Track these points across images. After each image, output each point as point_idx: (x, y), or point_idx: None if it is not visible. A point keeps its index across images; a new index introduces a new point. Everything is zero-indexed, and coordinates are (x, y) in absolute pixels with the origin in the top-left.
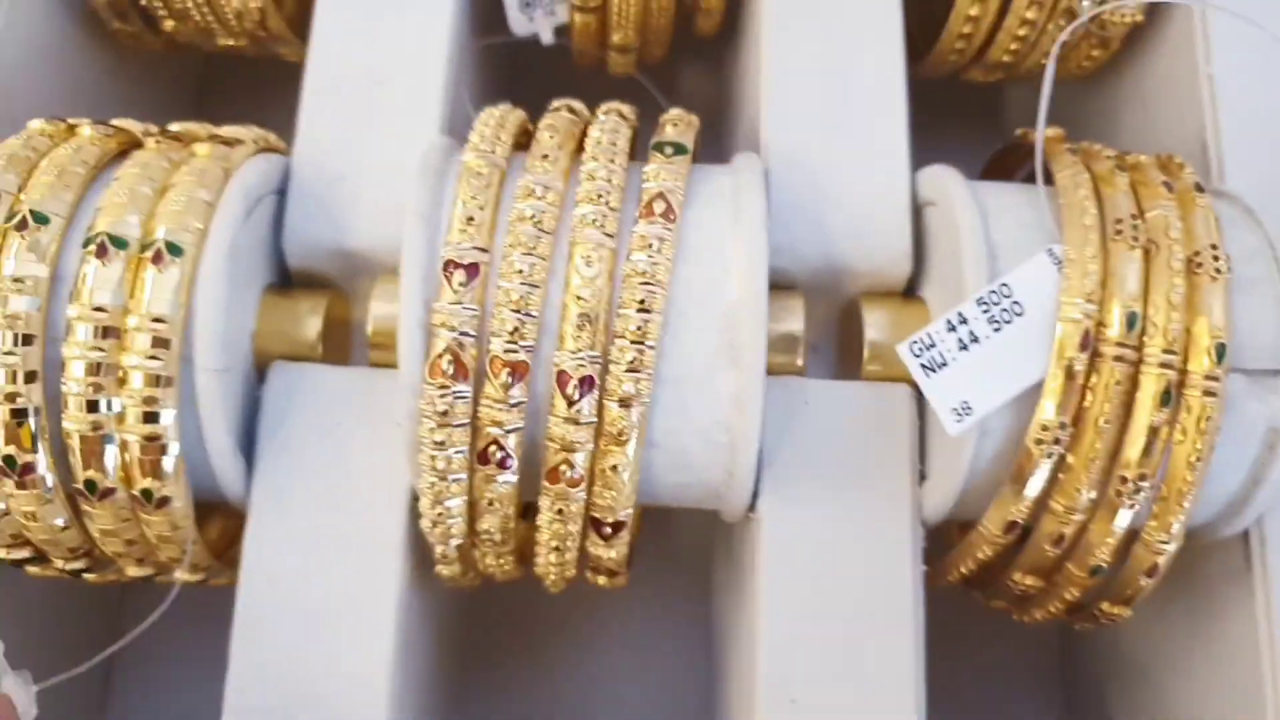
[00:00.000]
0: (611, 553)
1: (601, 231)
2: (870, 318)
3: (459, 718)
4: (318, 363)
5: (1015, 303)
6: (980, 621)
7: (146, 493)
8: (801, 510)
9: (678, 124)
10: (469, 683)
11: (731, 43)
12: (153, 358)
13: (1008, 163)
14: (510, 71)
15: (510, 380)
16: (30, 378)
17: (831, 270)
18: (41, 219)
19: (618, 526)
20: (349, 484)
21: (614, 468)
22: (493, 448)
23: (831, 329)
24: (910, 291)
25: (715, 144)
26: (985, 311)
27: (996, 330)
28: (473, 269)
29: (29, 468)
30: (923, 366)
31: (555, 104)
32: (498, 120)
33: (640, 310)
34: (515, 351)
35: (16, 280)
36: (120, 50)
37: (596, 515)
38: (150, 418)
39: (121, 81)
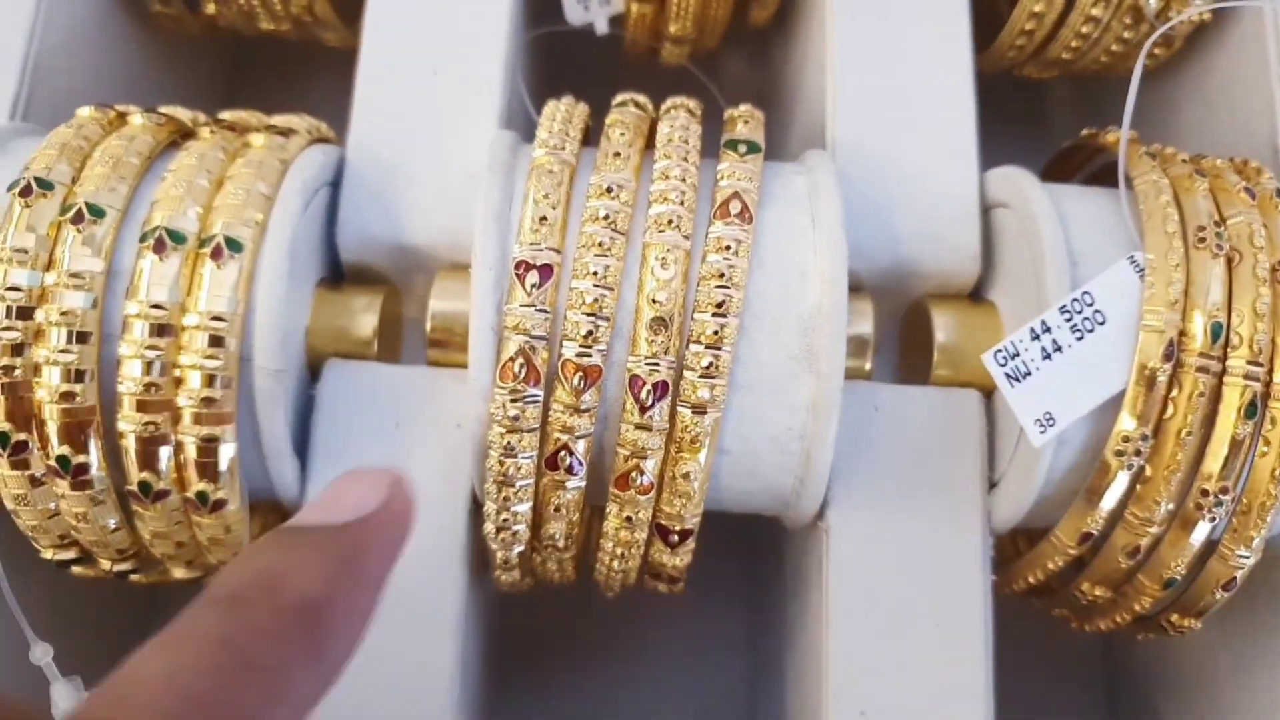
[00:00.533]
0: (676, 560)
1: (678, 233)
2: (940, 320)
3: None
4: (372, 361)
5: (1097, 311)
6: (1023, 627)
7: (201, 495)
8: (870, 518)
9: (748, 120)
10: (509, 684)
11: (781, 32)
12: (211, 357)
13: (1070, 162)
14: (552, 61)
15: (582, 385)
16: (85, 376)
17: (898, 271)
18: (98, 212)
19: (685, 534)
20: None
21: (685, 475)
22: (562, 453)
23: (893, 331)
24: (976, 294)
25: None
26: (1068, 320)
27: (1079, 339)
28: (546, 270)
29: (82, 468)
30: (1007, 376)
31: (621, 98)
32: (564, 115)
33: (716, 314)
34: (588, 355)
35: (73, 275)
36: (156, 33)
37: (664, 523)
38: (207, 419)
39: (158, 65)
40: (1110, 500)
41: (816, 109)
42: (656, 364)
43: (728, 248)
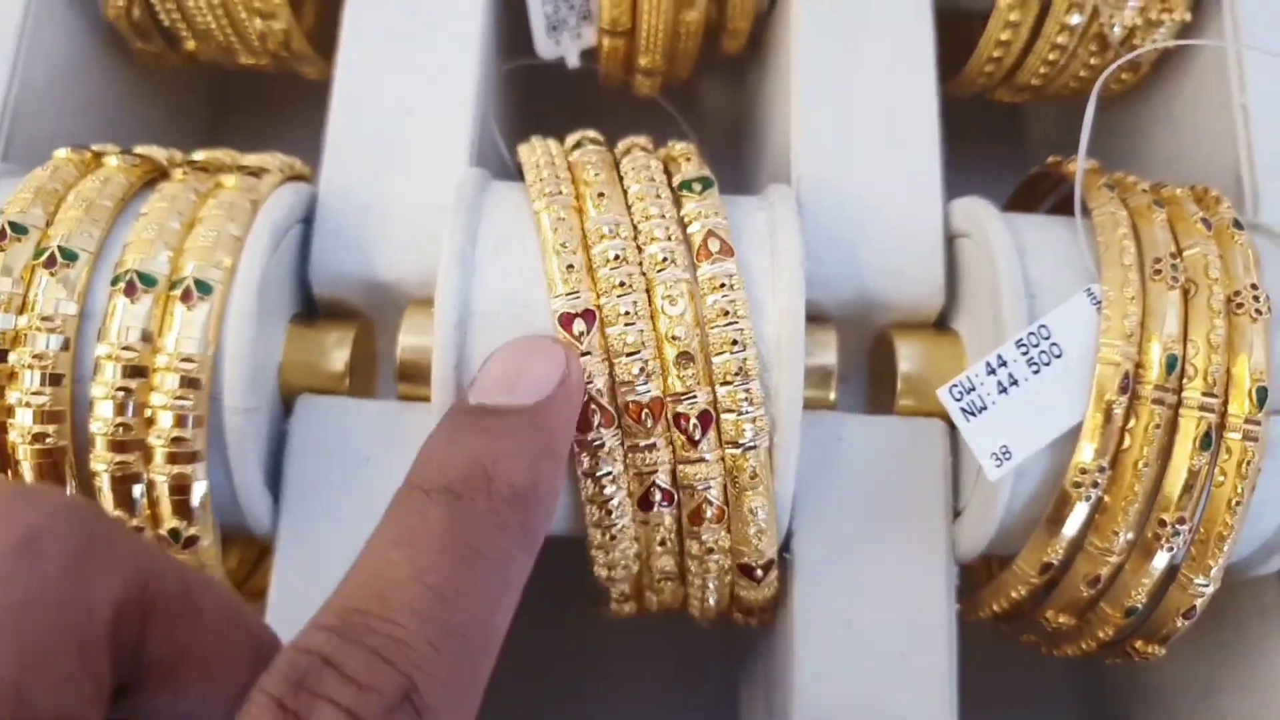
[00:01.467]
0: (763, 593)
1: (677, 268)
2: (904, 351)
3: None
4: (345, 396)
5: (1054, 344)
6: (1003, 650)
7: (174, 532)
8: (835, 549)
9: (689, 158)
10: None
11: (755, 60)
12: (181, 398)
13: (1035, 190)
14: (527, 93)
15: (651, 422)
16: (58, 418)
17: (863, 302)
18: (70, 255)
19: (767, 567)
20: (377, 519)
21: (753, 510)
22: (651, 490)
23: (861, 361)
24: (941, 323)
25: (735, 163)
26: (1024, 354)
27: (1035, 373)
28: (589, 315)
29: None
30: (963, 410)
31: (576, 136)
32: (547, 158)
33: (734, 352)
34: (647, 392)
35: (45, 319)
36: (139, 68)
37: (745, 560)
38: (178, 458)
39: (140, 99)
40: (1070, 530)
41: (783, 142)
42: (694, 397)
43: (722, 285)
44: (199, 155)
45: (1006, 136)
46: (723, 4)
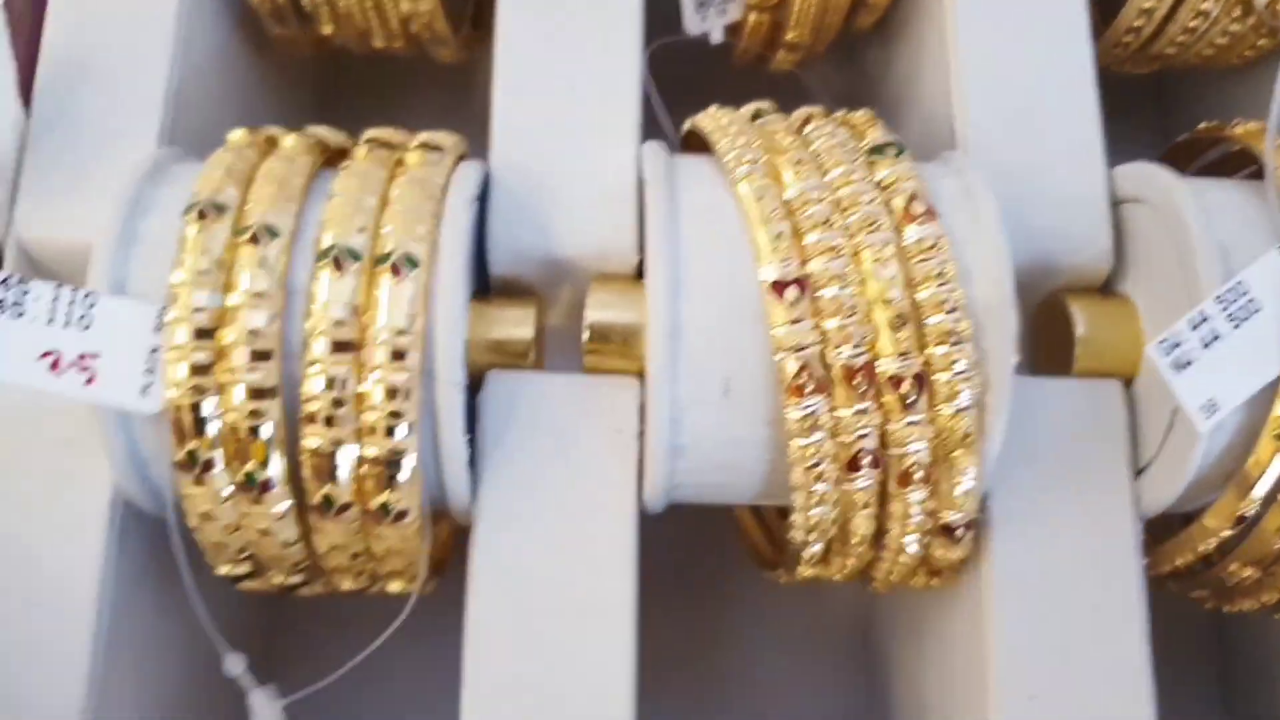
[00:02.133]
0: (958, 553)
1: (883, 232)
2: (1080, 315)
3: None
4: (529, 370)
5: (1251, 300)
6: None
7: (384, 507)
8: (1027, 506)
9: (873, 124)
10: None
11: (879, 37)
12: (396, 371)
13: (1184, 155)
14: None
15: (865, 387)
16: (270, 394)
17: (1032, 269)
18: (273, 232)
19: (969, 526)
20: (575, 492)
21: (964, 470)
22: (859, 454)
23: (1023, 326)
24: (1105, 287)
25: None
26: (1224, 309)
27: (1235, 328)
28: (800, 283)
29: (267, 485)
30: (1170, 365)
31: (752, 107)
32: (736, 127)
33: (950, 312)
34: (859, 356)
35: (255, 295)
36: (265, 53)
37: (946, 520)
38: (391, 432)
39: (264, 83)
40: (1267, 482)
41: (939, 111)
42: (909, 359)
43: (932, 246)
44: (373, 133)
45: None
46: None
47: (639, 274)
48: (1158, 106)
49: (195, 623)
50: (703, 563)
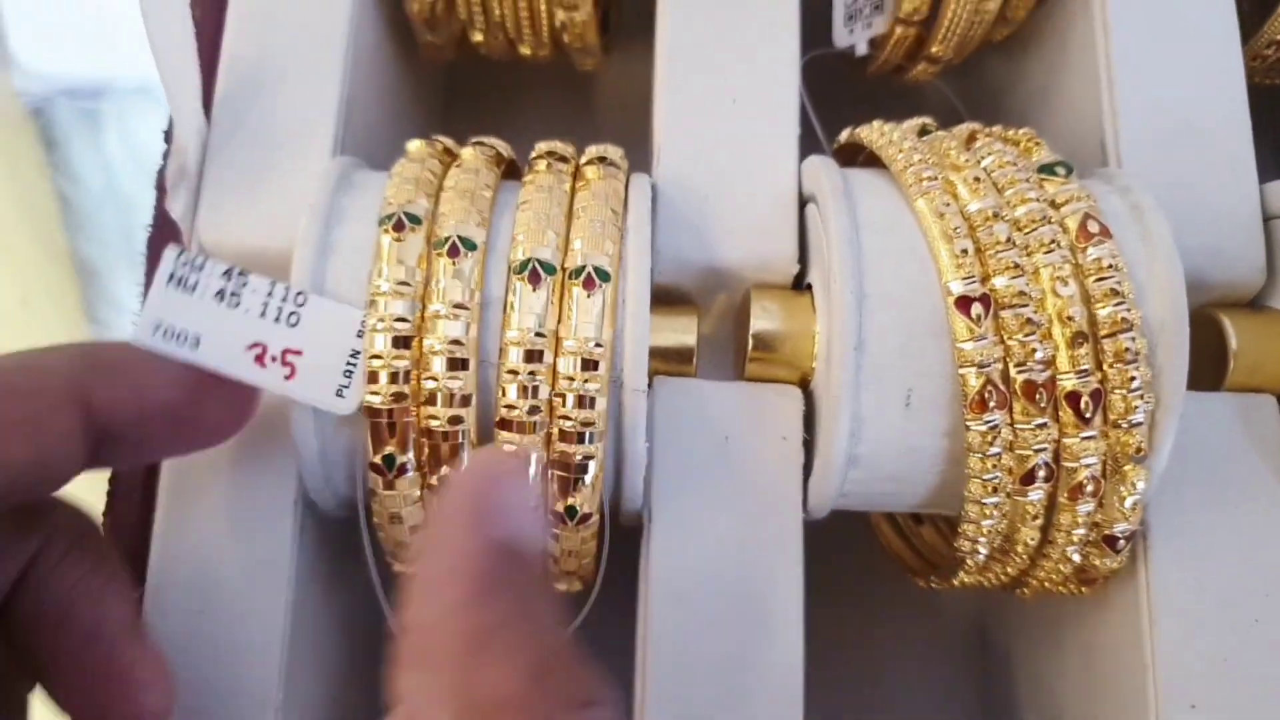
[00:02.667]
0: (1115, 563)
1: (1062, 251)
2: (1233, 329)
3: None
4: (693, 377)
5: None
6: None
7: (570, 510)
8: (1185, 519)
9: (1038, 143)
10: None
11: (1008, 46)
12: (588, 380)
13: None
14: None
15: (1045, 402)
16: (466, 401)
17: (1186, 283)
18: (470, 245)
19: (1130, 537)
20: (742, 497)
21: (1133, 484)
22: (1036, 468)
23: None
24: (1255, 303)
25: None
26: None
27: None
28: (985, 300)
29: None
30: None
31: (918, 123)
32: (910, 143)
33: (1125, 332)
34: (1042, 372)
35: (456, 306)
36: (410, 61)
37: (1111, 531)
38: (580, 438)
39: (406, 90)
40: None
41: (1087, 128)
42: (1087, 376)
43: (1109, 266)
44: (544, 146)
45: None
46: None
47: (795, 285)
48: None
49: (355, 614)
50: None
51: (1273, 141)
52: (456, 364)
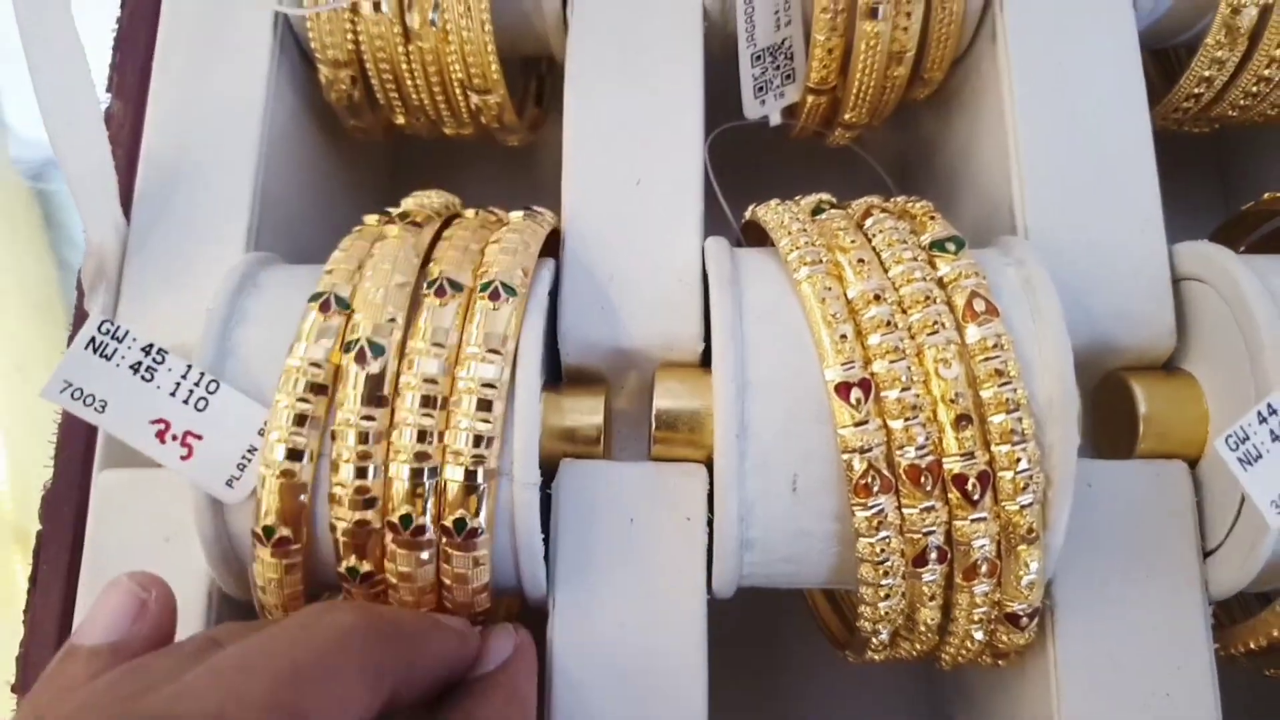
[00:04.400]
0: (1023, 639)
1: (946, 332)
2: (1143, 394)
3: None
4: (599, 459)
5: None
6: None
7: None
8: (1093, 591)
9: (933, 216)
10: None
11: (933, 108)
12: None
13: (1242, 225)
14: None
15: (930, 485)
16: (371, 504)
17: (1094, 348)
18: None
19: (1033, 615)
20: (647, 578)
21: (1027, 564)
22: (927, 550)
23: (1087, 405)
24: (1168, 365)
25: None
26: None
27: None
28: (865, 385)
29: (369, 577)
30: (1239, 460)
31: (814, 200)
32: (798, 225)
33: (1011, 412)
34: (925, 457)
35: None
36: (341, 141)
37: (1013, 609)
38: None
39: (338, 170)
40: None
41: (997, 187)
42: (973, 458)
43: (993, 346)
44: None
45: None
46: (920, 57)
47: (704, 362)
48: (1216, 161)
49: None
50: (767, 637)
51: (1218, 182)
52: (360, 471)
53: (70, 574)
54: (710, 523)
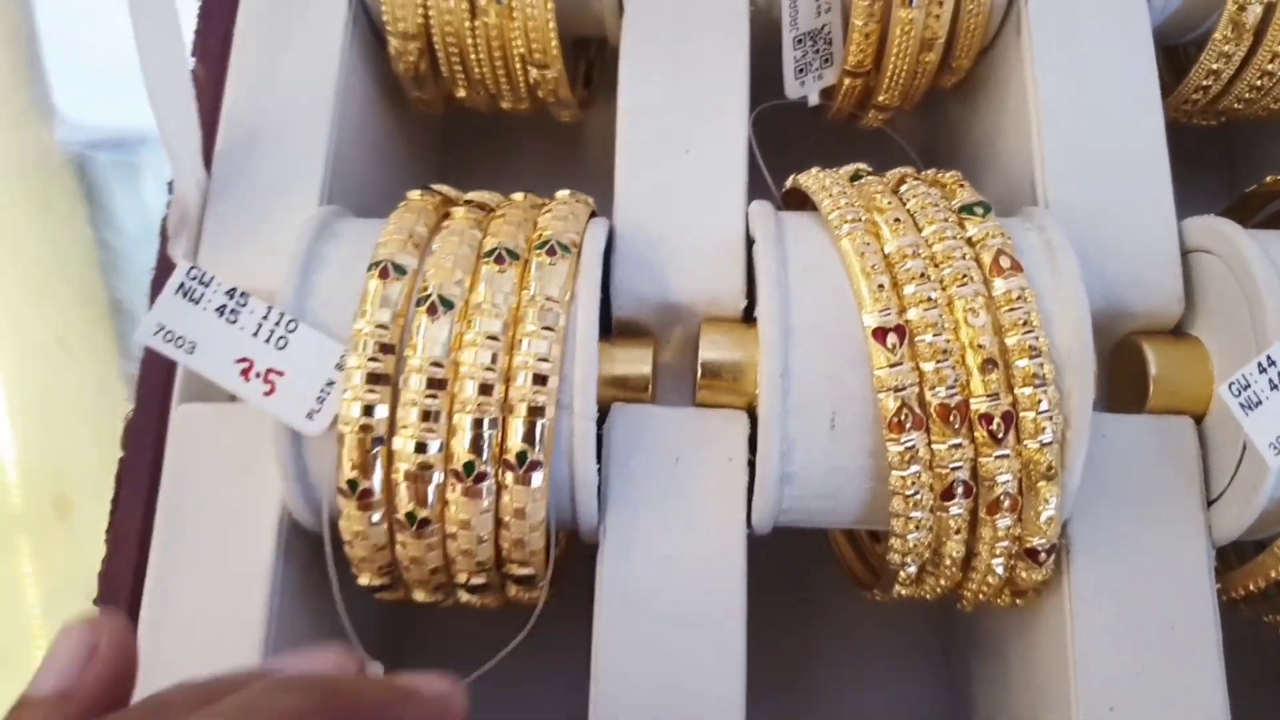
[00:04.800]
0: (1041, 575)
1: (975, 285)
2: (1154, 356)
3: None
4: (648, 404)
5: None
6: None
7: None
8: (1106, 533)
9: (963, 185)
10: None
11: (959, 93)
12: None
13: (1247, 206)
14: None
15: (958, 423)
16: (432, 447)
17: (1109, 313)
18: (448, 304)
19: (1051, 550)
20: (691, 515)
21: (1046, 499)
22: (954, 485)
23: (1103, 367)
24: (1177, 330)
25: None
26: None
27: None
28: (900, 330)
29: (425, 523)
30: (1241, 405)
31: (851, 169)
32: (839, 188)
33: (1034, 358)
34: (954, 396)
35: (435, 363)
36: (403, 113)
37: (1032, 544)
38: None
39: (399, 139)
40: None
41: (1020, 166)
42: (997, 399)
43: (1018, 297)
44: (509, 205)
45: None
46: (950, 46)
47: (745, 318)
48: (1225, 152)
49: (341, 632)
50: (797, 579)
51: (1225, 173)
52: (428, 414)
53: (150, 497)
54: (751, 464)
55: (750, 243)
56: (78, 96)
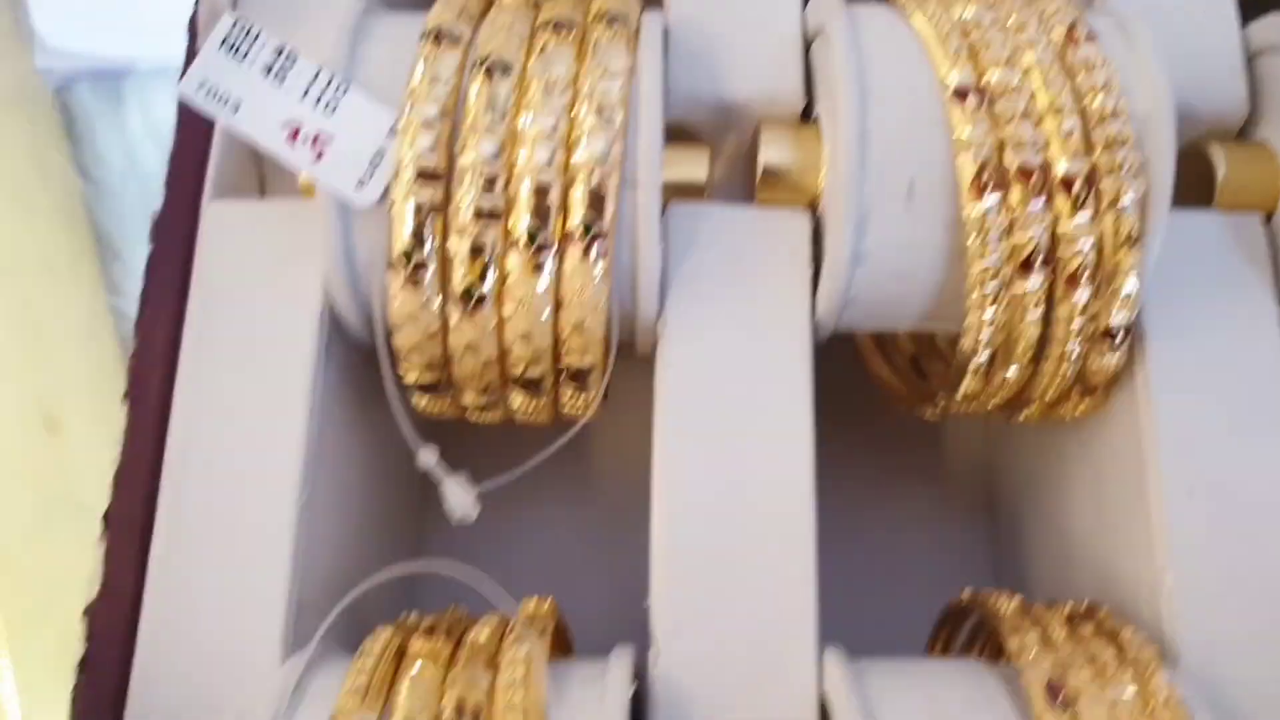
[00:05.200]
0: (1114, 360)
1: (1053, 51)
2: (1220, 157)
3: None
4: (707, 203)
5: None
6: None
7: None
8: (1180, 323)
9: None
10: None
11: None
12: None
13: None
14: None
15: (1039, 186)
16: (492, 215)
17: (1177, 115)
18: (505, 69)
19: (1128, 331)
20: (754, 311)
21: (1127, 272)
22: (1034, 253)
23: None
24: (1243, 135)
25: None
26: None
27: None
28: (980, 91)
29: (482, 300)
30: None
31: None
32: None
33: (1115, 118)
34: (1034, 158)
35: (488, 128)
36: None
37: (1108, 324)
38: (589, 231)
39: None
40: None
41: None
42: (1079, 160)
43: (1095, 64)
44: None
45: None
46: None
47: (803, 118)
48: None
49: (382, 436)
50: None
51: None
52: (490, 182)
53: (180, 294)
54: (814, 260)
55: (808, 45)
56: (58, 23)
